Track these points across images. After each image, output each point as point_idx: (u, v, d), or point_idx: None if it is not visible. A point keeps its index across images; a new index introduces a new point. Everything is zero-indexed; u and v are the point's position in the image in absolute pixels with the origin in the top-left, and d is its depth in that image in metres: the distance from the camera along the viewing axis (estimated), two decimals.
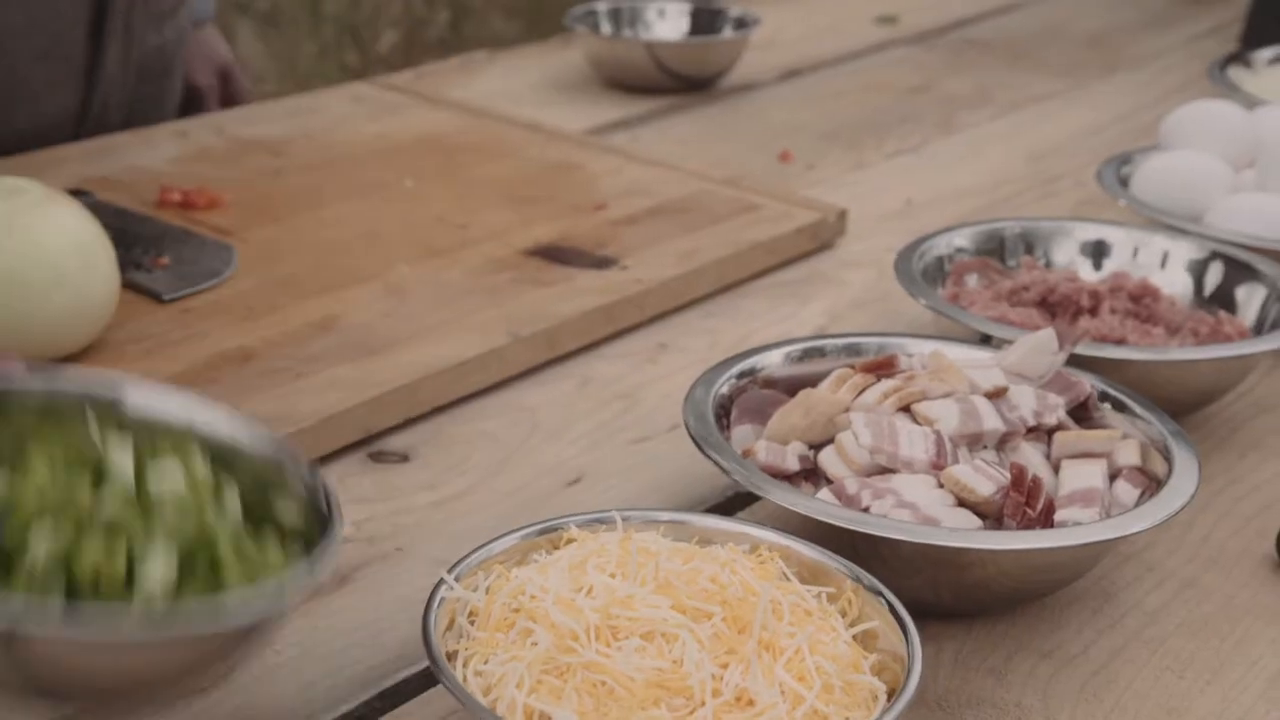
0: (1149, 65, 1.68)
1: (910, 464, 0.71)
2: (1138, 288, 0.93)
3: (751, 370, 0.77)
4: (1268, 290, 0.93)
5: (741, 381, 0.76)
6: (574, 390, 0.91)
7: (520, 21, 3.57)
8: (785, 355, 0.78)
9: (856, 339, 0.80)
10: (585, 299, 0.96)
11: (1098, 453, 0.73)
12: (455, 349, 0.88)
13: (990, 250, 0.98)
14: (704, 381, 0.75)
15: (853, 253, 1.14)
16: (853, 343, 0.80)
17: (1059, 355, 0.78)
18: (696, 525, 0.65)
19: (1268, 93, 1.25)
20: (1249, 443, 0.89)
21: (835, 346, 0.80)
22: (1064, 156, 1.37)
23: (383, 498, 0.78)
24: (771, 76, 1.57)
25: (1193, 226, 1.01)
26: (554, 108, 1.43)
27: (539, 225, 1.07)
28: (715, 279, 1.04)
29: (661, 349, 0.97)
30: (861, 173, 1.32)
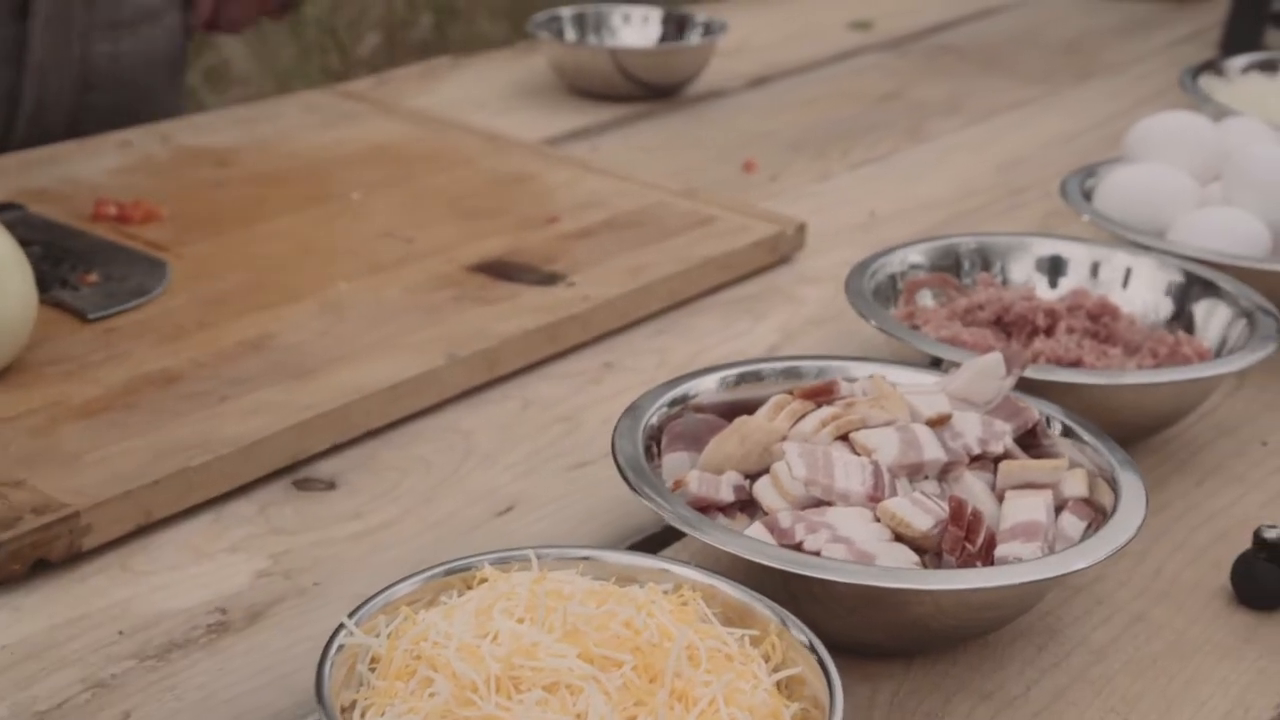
0: (1125, 72, 1.65)
1: (846, 496, 0.68)
2: (1096, 306, 0.91)
3: (684, 397, 0.74)
4: (1230, 309, 0.90)
5: (673, 410, 0.73)
6: (514, 412, 0.88)
7: (506, 23, 3.54)
8: (720, 380, 0.75)
9: (795, 362, 0.78)
10: (528, 317, 0.93)
11: (1043, 483, 0.71)
12: (390, 370, 0.85)
13: (946, 267, 0.95)
14: (635, 409, 0.72)
15: (811, 267, 1.11)
16: (791, 366, 0.77)
17: (1006, 380, 0.76)
18: (617, 563, 0.63)
19: (1240, 102, 1.22)
20: (1209, 468, 0.87)
21: (773, 370, 0.77)
22: (1033, 167, 1.35)
23: (305, 528, 0.75)
24: (740, 83, 1.54)
25: (1155, 242, 0.98)
26: (516, 115, 1.40)
27: (487, 239, 1.04)
28: (665, 296, 1.01)
29: (607, 369, 0.94)
30: (826, 183, 1.29)
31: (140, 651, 0.66)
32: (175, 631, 0.67)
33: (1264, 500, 0.83)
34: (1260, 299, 0.90)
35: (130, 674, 0.64)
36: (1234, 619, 0.73)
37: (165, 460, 0.75)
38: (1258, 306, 0.89)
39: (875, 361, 0.79)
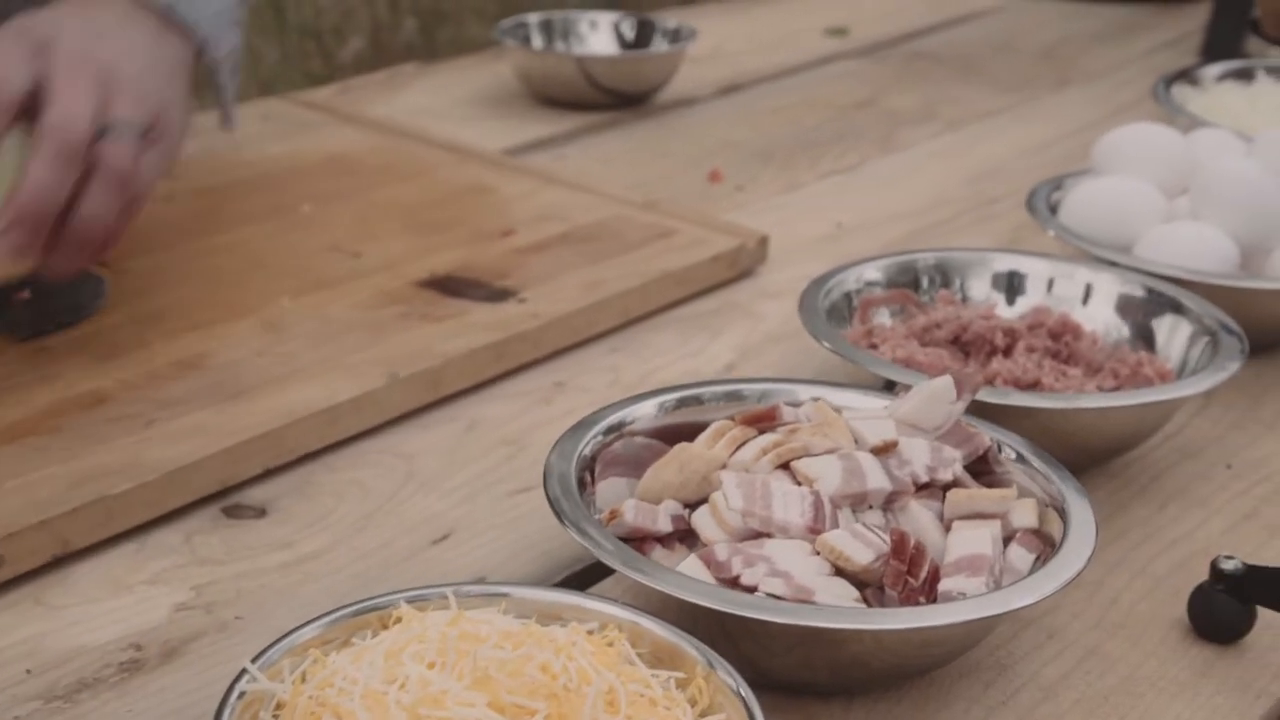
0: (1103, 79, 1.63)
1: (785, 528, 0.65)
2: (1057, 325, 0.88)
3: (621, 424, 0.71)
4: (1193, 327, 0.88)
5: (608, 438, 0.71)
6: (458, 434, 0.86)
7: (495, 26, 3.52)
8: (659, 406, 0.73)
9: (737, 386, 0.75)
10: (475, 335, 0.91)
11: (991, 513, 0.68)
12: (327, 392, 0.83)
13: (905, 283, 0.92)
14: (569, 437, 0.70)
15: (773, 282, 1.09)
16: (733, 390, 0.75)
17: (957, 404, 0.73)
18: (540, 601, 0.60)
19: (1214, 112, 1.20)
20: (1171, 491, 0.84)
21: (714, 394, 0.75)
22: (1005, 177, 1.32)
23: (231, 558, 0.73)
24: (710, 91, 1.52)
25: (1121, 257, 0.96)
26: (480, 124, 1.38)
27: (438, 254, 1.02)
28: (620, 312, 0.99)
29: (557, 388, 0.92)
30: (793, 194, 1.27)
31: (47, 692, 0.63)
32: (86, 670, 0.65)
33: (1226, 526, 0.81)
34: (1224, 317, 0.87)
35: (35, 716, 0.62)
36: (1191, 652, 0.71)
37: (85, 487, 0.72)
38: (1221, 325, 0.86)
39: (823, 384, 0.77)
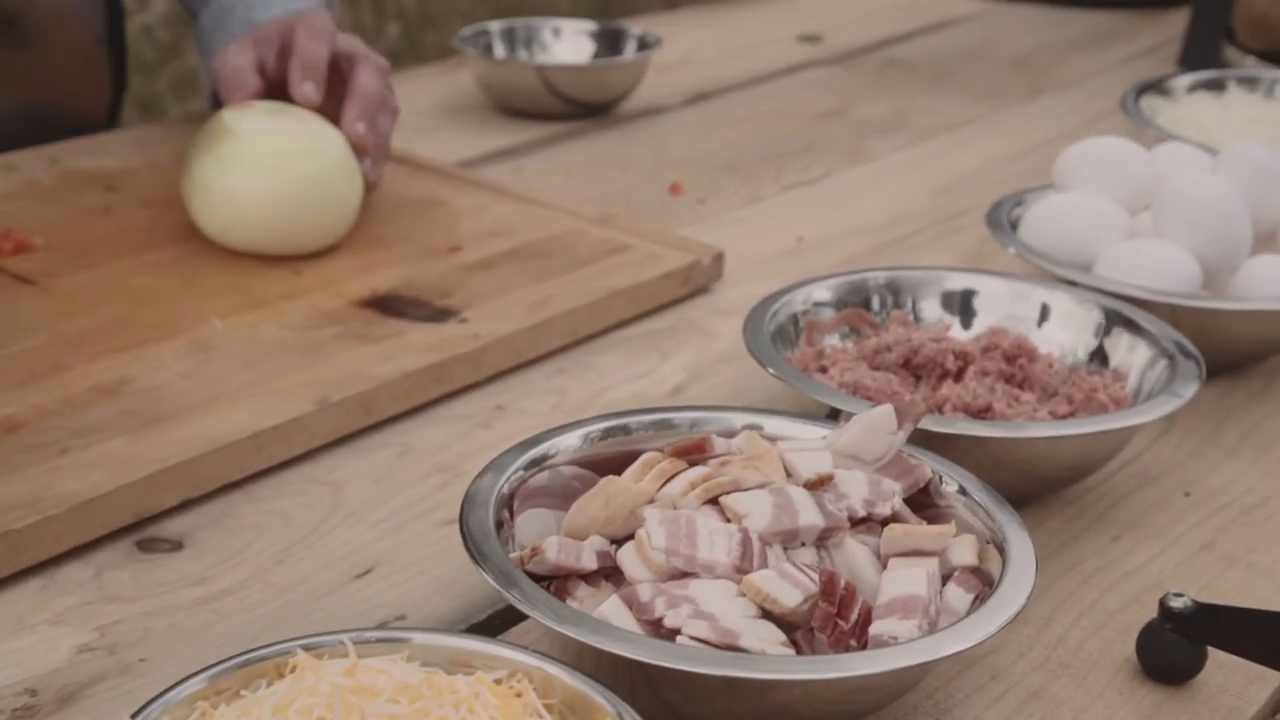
0: (1077, 88, 1.60)
1: (711, 568, 0.63)
2: (1012, 347, 0.86)
3: (544, 457, 0.69)
4: (1151, 349, 0.85)
5: (529, 473, 0.68)
6: (390, 461, 0.83)
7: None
8: (584, 437, 0.70)
9: (667, 414, 0.72)
10: (413, 357, 0.88)
11: (929, 550, 0.66)
12: (253, 418, 0.80)
13: (857, 303, 0.90)
14: (492, 470, 0.67)
15: (729, 299, 1.06)
16: (663, 419, 0.72)
17: (898, 435, 0.70)
18: (448, 647, 0.57)
19: (1184, 123, 1.17)
20: (1127, 521, 0.81)
21: (643, 424, 0.72)
22: (972, 189, 1.29)
23: (142, 595, 0.70)
24: (677, 100, 1.49)
25: (1080, 276, 0.93)
26: (438, 135, 1.35)
27: (381, 271, 0.99)
28: (566, 332, 0.96)
29: (498, 412, 0.89)
30: (755, 207, 1.24)
31: None
32: None
33: (1182, 557, 0.78)
34: (1182, 339, 0.84)
35: None
36: (1138, 694, 0.68)
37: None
38: (1179, 347, 0.84)
39: (759, 413, 0.74)
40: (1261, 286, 0.93)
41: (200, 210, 0.99)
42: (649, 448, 0.71)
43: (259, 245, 0.99)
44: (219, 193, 0.98)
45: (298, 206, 0.98)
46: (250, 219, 0.98)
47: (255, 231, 0.99)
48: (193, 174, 0.99)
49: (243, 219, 0.98)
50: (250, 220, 0.98)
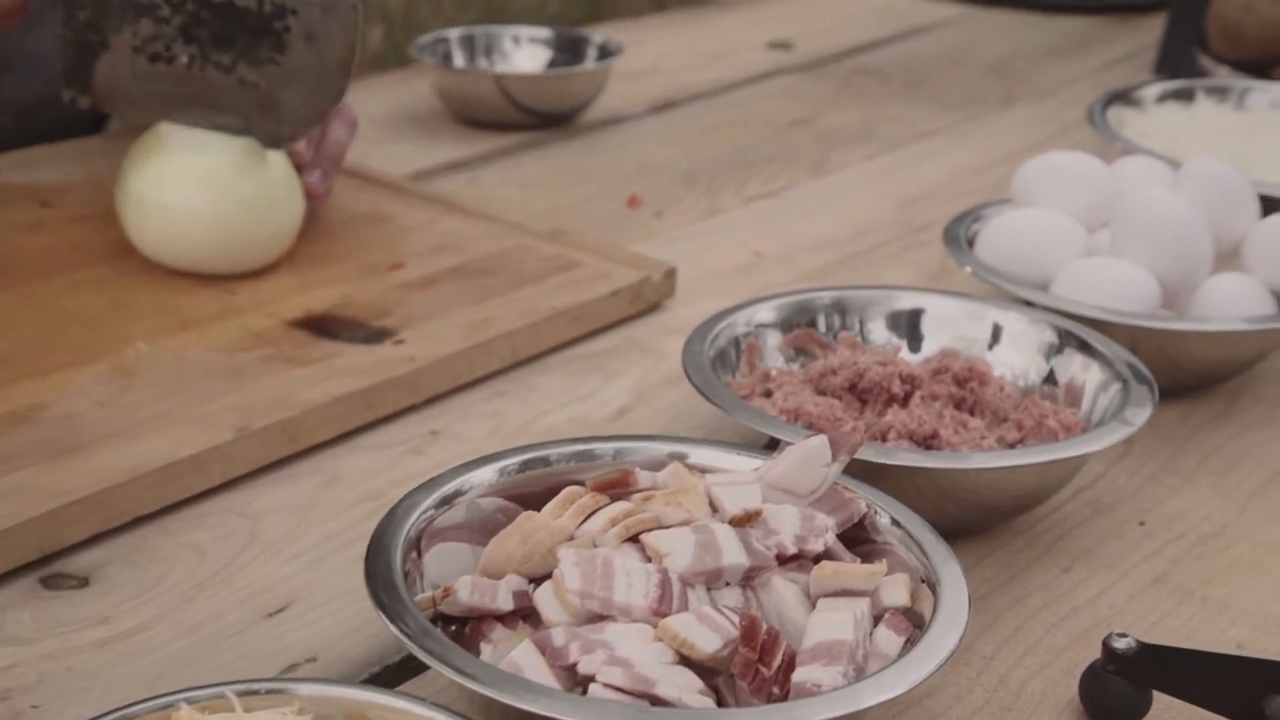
0: (1051, 96, 1.58)
1: (627, 611, 0.60)
2: (964, 370, 0.83)
3: (456, 494, 0.66)
4: (1104, 372, 0.82)
5: (440, 512, 0.65)
6: (315, 490, 0.80)
7: None
8: (500, 470, 0.67)
9: (588, 445, 0.69)
10: (343, 381, 0.85)
11: (859, 590, 0.63)
12: (169, 447, 0.77)
13: (803, 324, 0.87)
14: (399, 511, 0.64)
15: (680, 317, 1.03)
16: (584, 449, 0.69)
17: (832, 467, 0.67)
18: (343, 699, 0.54)
19: (1151, 135, 1.14)
20: (1077, 552, 0.79)
21: (563, 455, 0.69)
22: (939, 201, 1.27)
23: (42, 636, 0.67)
24: (642, 109, 1.46)
25: (1036, 295, 0.90)
26: (393, 145, 1.32)
27: (318, 290, 0.96)
28: (507, 354, 0.93)
29: (432, 437, 0.86)
30: (714, 220, 1.21)
31: None
32: None
33: (1134, 591, 0.75)
34: (1135, 361, 0.82)
35: None
36: None
37: None
38: (1132, 370, 0.81)
39: (691, 442, 0.71)
40: (1223, 306, 0.90)
41: (135, 227, 0.96)
42: (579, 478, 0.68)
43: (195, 264, 0.96)
44: (154, 209, 0.95)
45: (235, 225, 0.95)
46: (186, 237, 0.95)
47: (191, 250, 0.96)
48: (128, 189, 0.96)
49: (178, 237, 0.95)
50: (186, 238, 0.95)
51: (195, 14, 0.95)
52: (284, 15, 0.95)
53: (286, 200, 0.98)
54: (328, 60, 0.96)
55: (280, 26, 0.95)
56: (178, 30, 0.95)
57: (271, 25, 0.95)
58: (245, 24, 0.95)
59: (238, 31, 0.95)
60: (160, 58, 0.96)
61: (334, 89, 0.97)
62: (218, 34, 0.95)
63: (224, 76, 0.96)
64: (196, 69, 0.96)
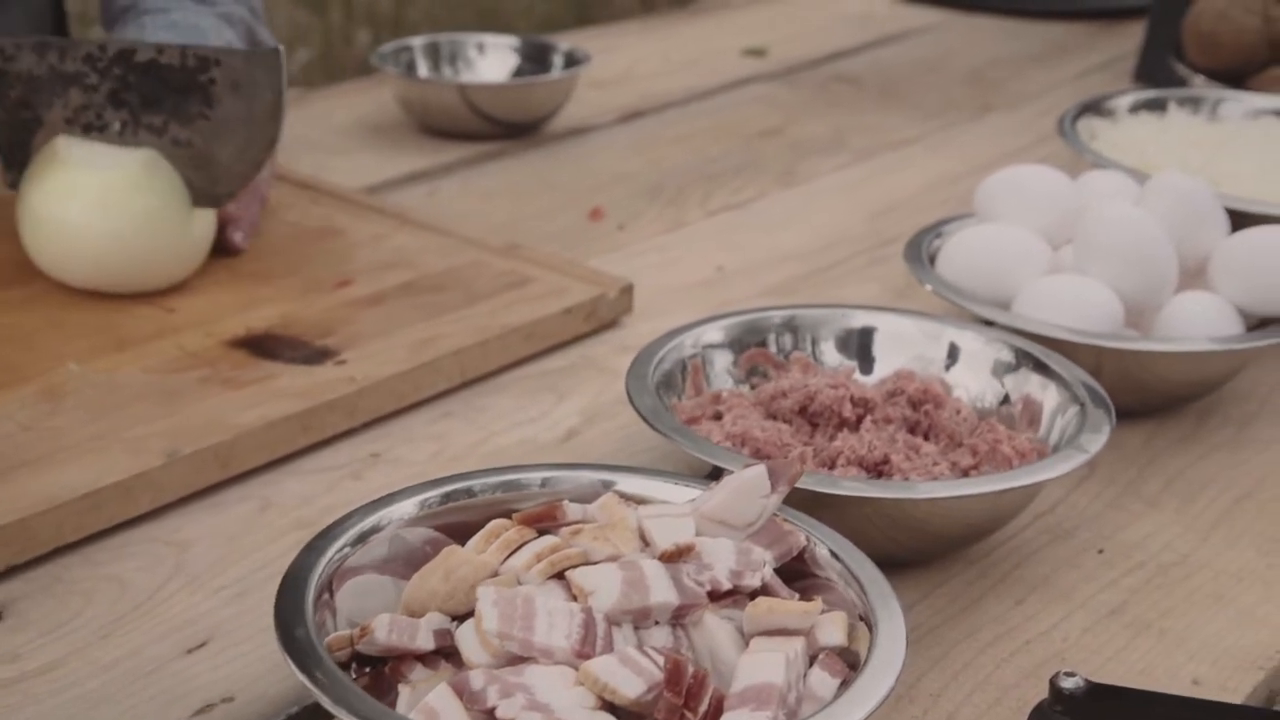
0: (1028, 105, 1.55)
1: (549, 653, 0.57)
2: (918, 392, 0.80)
3: (374, 529, 0.63)
4: (1061, 395, 0.79)
5: (358, 548, 0.62)
6: (247, 518, 0.78)
7: None
8: (420, 504, 0.64)
9: (515, 475, 0.67)
10: (279, 404, 0.82)
11: (794, 629, 0.60)
12: (94, 473, 0.74)
13: (753, 344, 0.84)
14: (318, 545, 0.61)
15: (637, 334, 1.00)
16: (510, 480, 0.66)
17: (771, 498, 0.65)
18: None
19: (1122, 147, 1.12)
20: (1033, 581, 0.76)
21: (488, 486, 0.66)
22: (908, 213, 1.24)
23: None
24: (610, 118, 1.44)
25: (997, 315, 0.88)
26: (353, 156, 1.30)
27: (261, 308, 0.93)
28: (454, 373, 0.90)
29: (373, 461, 0.84)
30: (678, 233, 1.19)
31: None
32: None
33: (1089, 623, 0.73)
34: (1093, 383, 0.79)
35: None
36: None
37: None
38: (1090, 393, 0.78)
39: (626, 471, 0.69)
40: (1188, 325, 0.88)
41: (33, 243, 0.93)
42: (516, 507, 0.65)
43: (95, 282, 0.93)
44: (50, 226, 0.92)
45: (134, 242, 0.92)
46: (82, 254, 0.92)
47: (90, 267, 0.92)
48: (26, 205, 0.93)
49: (75, 254, 0.92)
50: (84, 256, 0.92)
51: (122, 77, 0.93)
52: (208, 67, 0.93)
53: (189, 218, 0.94)
54: (256, 109, 0.94)
55: (206, 79, 0.93)
56: (106, 97, 0.94)
57: (197, 79, 0.93)
58: (171, 82, 0.93)
59: (165, 90, 0.93)
60: (93, 127, 0.95)
61: (266, 138, 0.95)
62: (146, 95, 0.94)
63: (157, 139, 0.94)
64: (129, 135, 0.94)
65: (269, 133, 0.95)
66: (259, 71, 0.94)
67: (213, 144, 0.94)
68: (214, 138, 0.94)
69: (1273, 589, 0.76)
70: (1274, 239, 0.88)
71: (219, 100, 0.94)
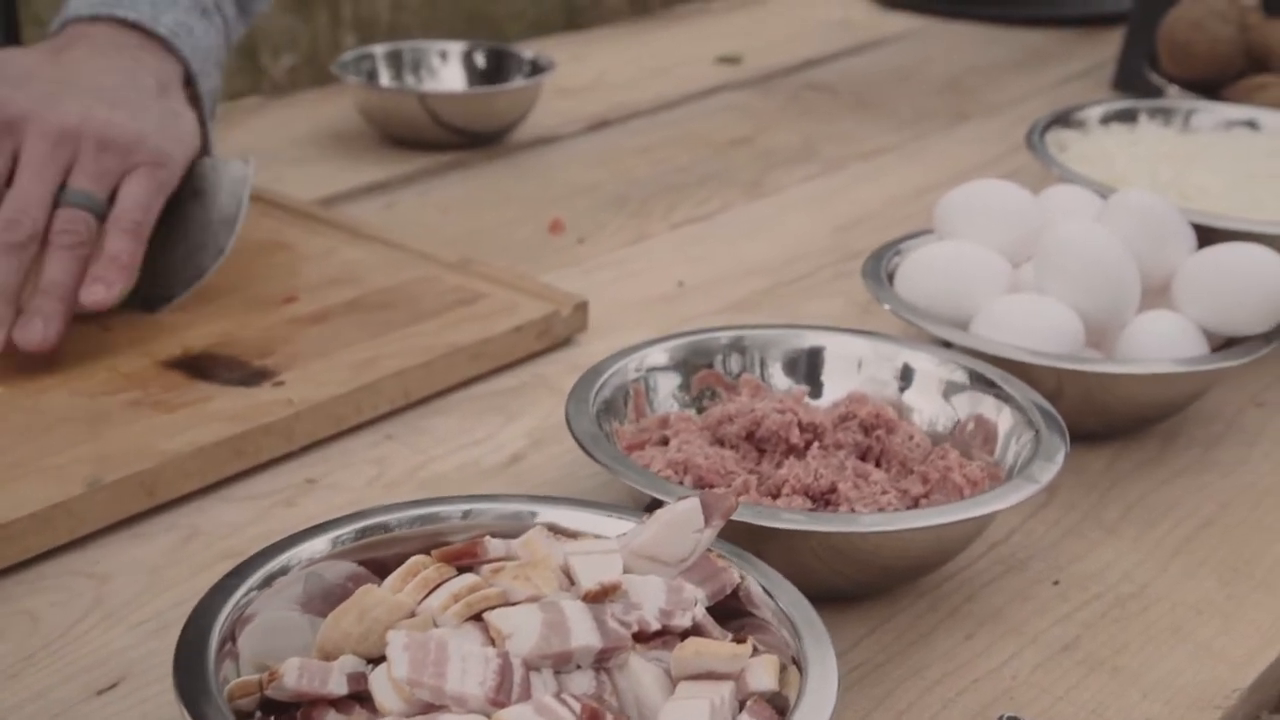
0: (1004, 113, 1.52)
1: (462, 701, 0.54)
2: (870, 416, 0.78)
3: (283, 570, 0.60)
4: (1015, 419, 0.77)
5: (265, 591, 0.60)
6: (172, 548, 0.75)
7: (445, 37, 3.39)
8: (333, 541, 0.62)
9: (434, 508, 0.64)
10: (211, 428, 0.80)
11: (723, 673, 0.58)
12: (10, 503, 0.72)
13: (701, 366, 0.82)
14: (222, 589, 0.59)
15: (591, 352, 0.98)
16: (429, 513, 0.64)
17: (705, 533, 0.62)
18: None
19: (1090, 160, 1.09)
20: (985, 615, 0.73)
21: (404, 520, 0.63)
22: (876, 226, 1.21)
23: None
24: (577, 127, 1.41)
25: (956, 335, 0.85)
26: (309, 166, 1.27)
27: (200, 327, 0.91)
28: (398, 395, 0.88)
29: (308, 487, 0.81)
30: (640, 246, 1.16)
31: None
32: None
33: (1040, 659, 0.70)
34: (1048, 407, 0.77)
35: None
36: None
37: None
38: (1045, 417, 0.76)
39: (555, 503, 0.66)
40: (1150, 346, 0.85)
41: None
42: (445, 540, 0.63)
43: None
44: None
45: None
46: None
47: None
48: None
49: None
50: None
51: None
52: None
53: None
54: (213, 216, 0.92)
55: None
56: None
57: None
58: None
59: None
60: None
61: (216, 246, 0.93)
62: None
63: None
64: None
65: (220, 241, 0.93)
66: (224, 180, 0.92)
67: (161, 244, 0.91)
68: (164, 238, 0.92)
69: (1232, 621, 0.74)
70: (1238, 257, 0.85)
71: (179, 203, 0.92)
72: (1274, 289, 0.85)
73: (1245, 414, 0.93)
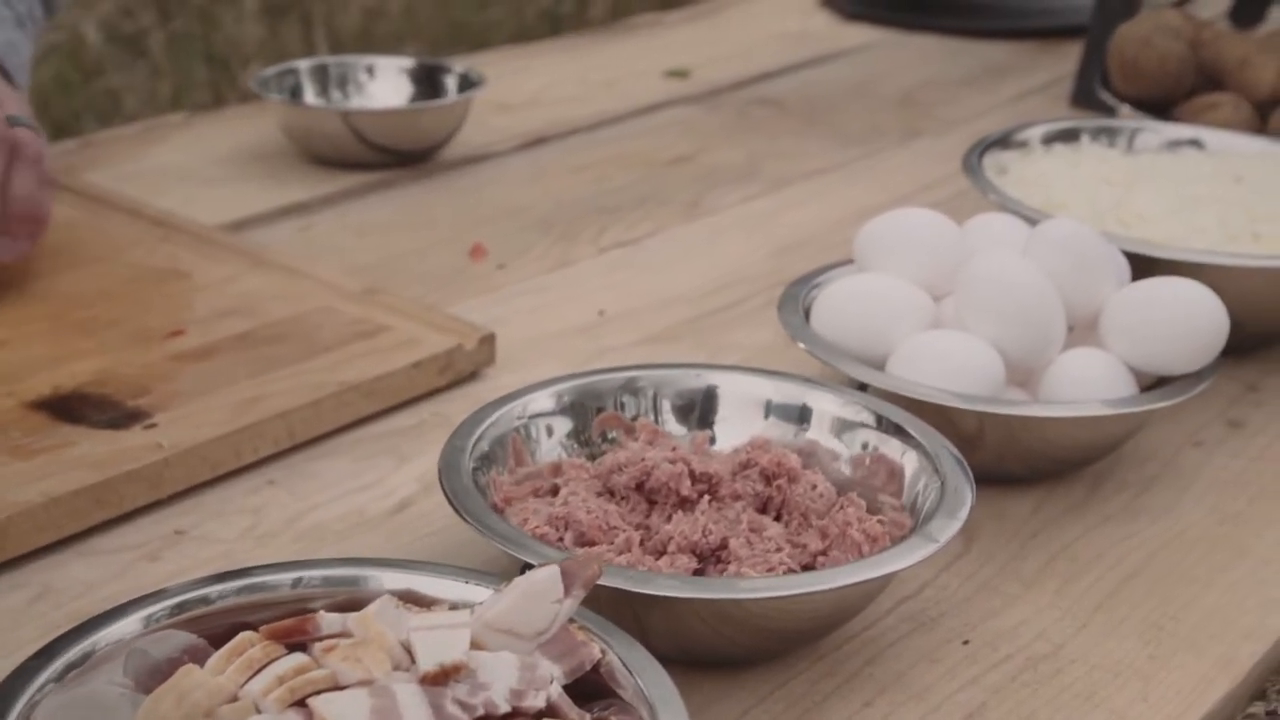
0: (958, 130, 1.47)
1: None
2: (772, 465, 0.73)
3: (88, 654, 0.55)
4: (920, 465, 0.72)
5: (76, 672, 0.55)
6: (18, 609, 0.70)
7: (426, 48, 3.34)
8: (146, 619, 0.57)
9: (260, 577, 0.59)
10: (70, 476, 0.75)
11: None
12: None
13: (589, 413, 0.77)
14: (21, 675, 0.54)
15: (500, 387, 0.92)
16: (255, 583, 0.59)
17: (565, 603, 0.58)
18: None
19: (1031, 183, 1.04)
20: (886, 679, 0.69)
21: (229, 591, 0.58)
22: (815, 249, 1.16)
23: None
24: (511, 145, 1.36)
25: (871, 376, 0.80)
26: (226, 187, 1.22)
27: (76, 362, 0.86)
28: (283, 436, 0.83)
29: (176, 539, 0.76)
30: (563, 272, 1.11)
31: None
32: None
33: None
34: (956, 454, 0.72)
35: None
36: None
37: None
38: (954, 465, 0.71)
39: (412, 568, 0.61)
40: (1076, 385, 0.80)
41: None
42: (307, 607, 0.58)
43: None
44: None
45: None
46: None
47: None
48: None
49: None
50: None
51: None
52: None
53: None
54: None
55: None
56: None
57: None
58: None
59: None
60: None
61: None
62: None
63: None
64: None
65: None
66: None
67: None
68: None
69: (1150, 685, 0.69)
70: (1166, 292, 0.81)
71: None
72: (1204, 326, 0.80)
73: (1182, 454, 0.89)
